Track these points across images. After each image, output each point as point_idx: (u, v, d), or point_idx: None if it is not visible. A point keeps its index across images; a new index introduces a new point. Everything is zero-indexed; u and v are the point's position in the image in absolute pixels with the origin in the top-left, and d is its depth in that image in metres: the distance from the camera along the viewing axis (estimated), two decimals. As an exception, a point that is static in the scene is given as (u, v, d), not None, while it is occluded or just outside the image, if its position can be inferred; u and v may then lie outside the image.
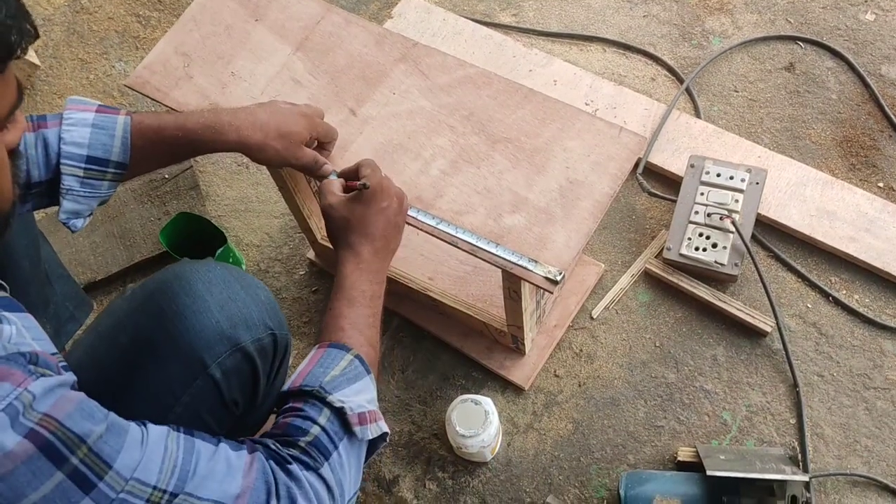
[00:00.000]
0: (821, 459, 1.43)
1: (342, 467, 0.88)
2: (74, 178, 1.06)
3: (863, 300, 1.55)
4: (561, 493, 1.44)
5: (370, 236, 1.07)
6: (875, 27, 1.84)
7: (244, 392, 1.04)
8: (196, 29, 1.37)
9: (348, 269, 1.04)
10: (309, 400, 0.90)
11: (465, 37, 1.89)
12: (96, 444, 0.73)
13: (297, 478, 0.84)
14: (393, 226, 1.09)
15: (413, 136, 1.24)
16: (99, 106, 1.09)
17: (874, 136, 1.71)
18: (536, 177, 1.19)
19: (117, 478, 0.73)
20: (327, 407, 0.90)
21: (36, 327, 0.82)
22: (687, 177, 1.61)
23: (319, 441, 0.87)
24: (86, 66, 2.01)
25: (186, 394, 0.99)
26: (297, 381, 0.92)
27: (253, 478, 0.82)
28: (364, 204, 1.07)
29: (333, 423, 0.89)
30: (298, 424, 0.88)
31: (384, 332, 1.60)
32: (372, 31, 1.34)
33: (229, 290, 1.01)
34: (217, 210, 1.79)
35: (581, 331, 1.57)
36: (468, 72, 1.29)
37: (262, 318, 1.03)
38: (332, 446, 0.88)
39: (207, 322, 0.98)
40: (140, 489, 0.75)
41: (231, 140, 1.10)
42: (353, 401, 0.91)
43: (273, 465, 0.84)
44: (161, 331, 0.98)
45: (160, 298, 1.00)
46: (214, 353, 0.98)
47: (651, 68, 1.86)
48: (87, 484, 0.71)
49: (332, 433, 0.88)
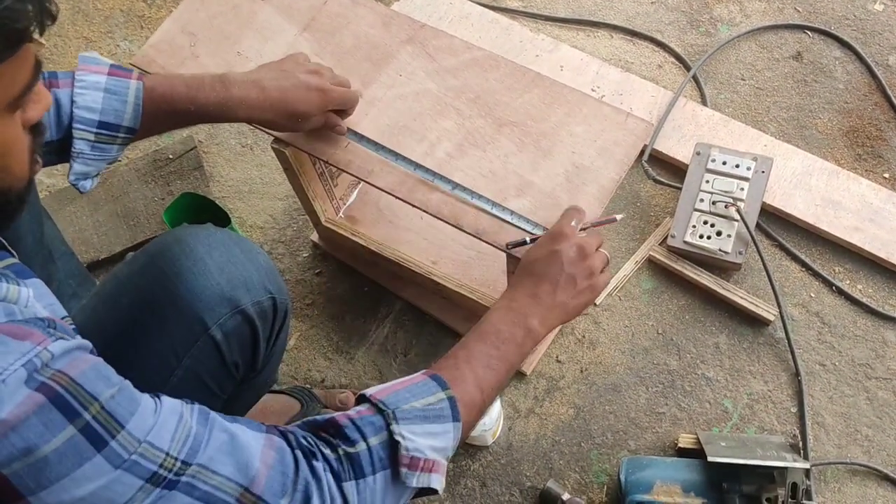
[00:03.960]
0: (821, 448, 1.43)
1: (373, 495, 0.82)
2: (85, 143, 1.06)
3: (866, 290, 1.55)
4: (561, 477, 1.44)
5: (532, 276, 1.00)
6: (883, 17, 1.83)
7: (244, 355, 1.04)
8: (202, 8, 1.36)
9: (497, 304, 0.99)
10: (376, 415, 0.84)
11: (471, 20, 1.88)
12: (109, 403, 0.72)
13: (318, 477, 0.80)
14: (566, 276, 0.99)
15: (419, 118, 1.24)
16: (111, 67, 1.08)
17: (881, 127, 1.71)
18: (542, 161, 1.19)
19: (130, 438, 0.72)
20: (387, 431, 0.83)
21: (47, 293, 0.81)
22: (692, 164, 1.60)
23: (359, 457, 0.81)
24: (91, 44, 2.01)
25: (188, 355, 0.99)
26: (380, 395, 0.86)
27: (271, 461, 0.79)
28: (539, 245, 1.03)
29: (382, 450, 0.82)
30: (349, 433, 0.82)
31: (387, 315, 1.60)
32: (379, 12, 1.33)
33: (229, 253, 1.02)
34: (221, 191, 1.78)
35: (584, 317, 1.57)
36: (475, 55, 1.28)
37: (262, 281, 1.03)
38: (371, 469, 0.82)
39: (208, 284, 0.98)
40: (153, 453, 0.73)
41: (241, 117, 1.11)
42: (417, 441, 0.83)
43: (299, 455, 0.80)
44: (162, 292, 0.99)
45: (161, 261, 1.00)
46: (215, 314, 0.99)
47: (658, 55, 1.85)
48: (100, 441, 0.71)
49: (377, 458, 0.82)
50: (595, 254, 1.02)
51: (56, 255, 1.36)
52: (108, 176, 1.80)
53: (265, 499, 0.77)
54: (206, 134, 1.86)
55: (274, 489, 0.78)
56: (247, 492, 0.76)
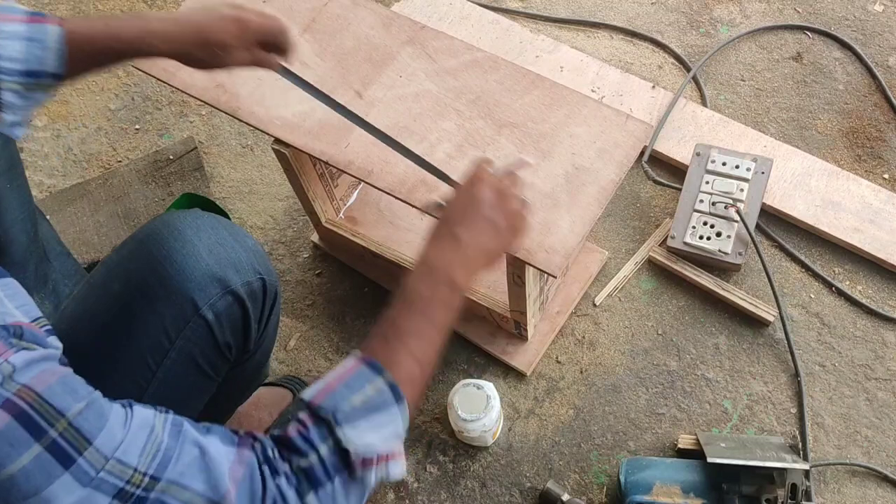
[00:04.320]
0: (821, 449, 1.43)
1: (335, 499, 0.82)
2: (12, 93, 1.04)
3: (866, 291, 1.55)
4: (561, 478, 1.44)
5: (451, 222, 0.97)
6: (883, 18, 1.83)
7: (236, 336, 1.05)
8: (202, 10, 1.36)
9: (415, 264, 0.96)
10: (318, 424, 0.83)
11: (471, 21, 1.88)
12: (76, 419, 0.71)
13: (284, 494, 0.80)
14: (484, 219, 0.96)
15: (419, 118, 1.24)
16: (28, 14, 1.06)
17: (880, 128, 1.71)
18: (542, 162, 1.19)
19: (98, 455, 0.72)
20: (332, 438, 0.82)
21: (20, 293, 0.80)
22: (692, 165, 1.60)
23: (312, 471, 0.81)
24: (91, 45, 2.01)
25: (180, 337, 0.99)
26: (318, 399, 0.84)
27: (238, 480, 0.78)
28: (456, 188, 1.01)
29: (333, 457, 0.82)
30: (299, 445, 0.82)
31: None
32: (379, 13, 1.33)
33: (217, 235, 1.02)
34: (221, 192, 1.79)
35: (584, 317, 1.57)
36: (475, 56, 1.28)
37: (251, 262, 1.03)
38: (327, 478, 0.81)
39: (197, 265, 0.99)
40: (121, 469, 0.73)
41: (161, 49, 1.08)
42: (365, 440, 0.83)
43: (266, 472, 0.80)
44: (152, 275, 0.99)
45: (149, 245, 1.01)
46: (206, 295, 0.99)
47: (658, 56, 1.85)
48: (67, 459, 0.70)
49: (330, 466, 0.82)
50: (513, 195, 1.01)
51: (51, 255, 1.36)
52: (108, 176, 1.80)
53: None
54: (206, 135, 1.86)
55: None
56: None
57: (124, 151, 1.86)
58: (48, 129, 1.90)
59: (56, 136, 1.90)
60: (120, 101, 1.93)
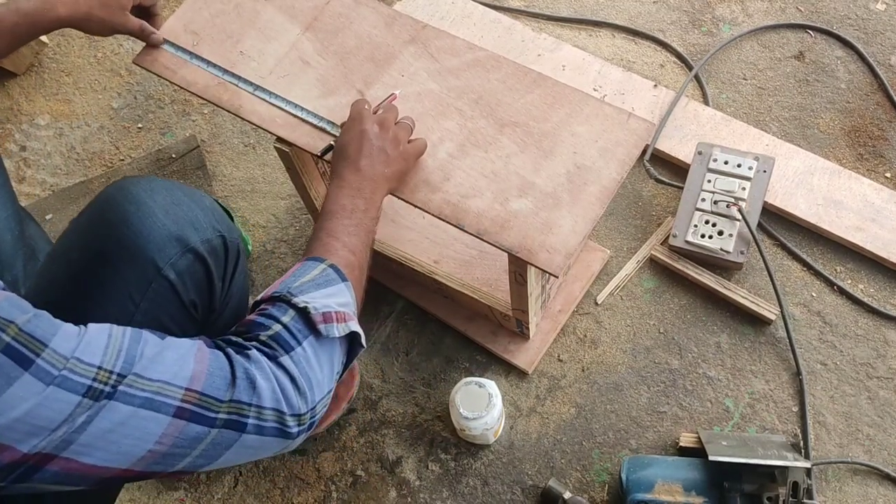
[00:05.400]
0: (822, 447, 1.43)
1: (308, 363, 0.88)
2: None
3: (867, 290, 1.55)
4: (563, 476, 1.45)
5: (349, 158, 1.10)
6: (885, 17, 1.83)
7: (201, 294, 1.05)
8: (205, 7, 1.36)
9: (331, 190, 1.08)
10: (276, 303, 0.91)
11: (473, 20, 1.88)
12: (26, 325, 0.73)
13: (256, 360, 0.85)
14: (377, 148, 1.11)
15: (421, 118, 1.24)
16: None
17: (882, 127, 1.71)
18: (544, 161, 1.19)
19: (55, 356, 0.74)
20: (291, 307, 0.90)
21: None
22: (694, 164, 1.61)
23: (280, 336, 0.88)
24: (94, 44, 2.01)
25: (145, 298, 0.99)
26: (268, 292, 0.93)
27: (207, 363, 0.83)
28: (344, 132, 1.13)
29: (297, 322, 0.89)
30: (261, 321, 0.89)
31: (389, 314, 1.61)
32: (382, 12, 1.33)
33: (172, 196, 1.03)
34: (223, 190, 1.79)
35: (585, 316, 1.58)
36: (477, 55, 1.28)
37: (209, 221, 1.04)
38: (295, 342, 0.88)
39: (154, 225, 0.99)
40: (83, 368, 0.75)
41: (63, 15, 1.17)
42: (320, 301, 0.91)
43: (230, 352, 0.85)
44: (109, 240, 0.99)
45: (104, 210, 1.01)
46: (166, 254, 0.99)
47: (660, 55, 1.85)
48: (25, 360, 0.72)
49: (296, 330, 0.89)
50: (396, 126, 1.15)
51: (41, 254, 1.37)
52: (111, 175, 1.80)
53: (209, 394, 0.81)
54: (208, 133, 1.87)
55: (216, 384, 0.82)
56: (188, 391, 0.80)
57: (127, 150, 1.87)
58: (51, 127, 1.91)
59: (59, 135, 1.90)
60: (122, 100, 1.93)
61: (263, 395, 0.84)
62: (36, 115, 1.93)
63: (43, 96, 1.95)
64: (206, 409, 0.81)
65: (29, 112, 1.93)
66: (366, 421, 1.53)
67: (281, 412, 0.85)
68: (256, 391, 0.83)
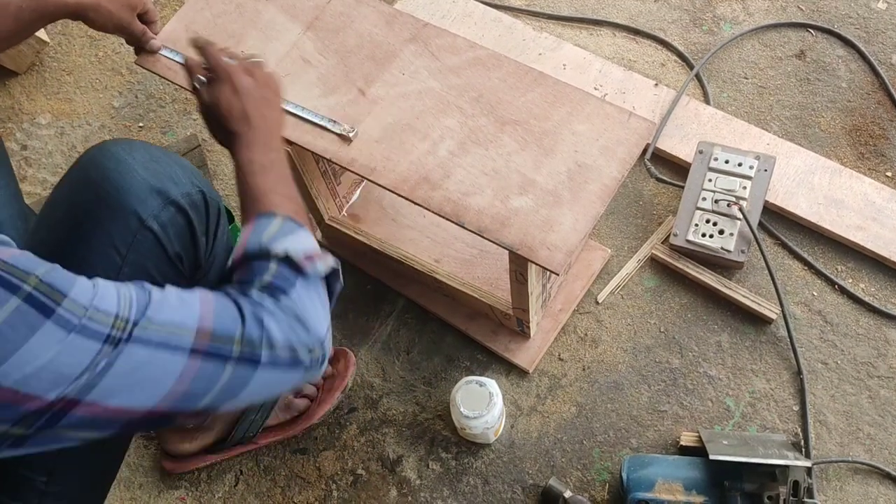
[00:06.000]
0: (823, 446, 1.43)
1: (304, 299, 0.91)
2: None
3: (869, 289, 1.55)
4: (563, 475, 1.45)
5: (240, 117, 1.08)
6: (887, 16, 1.83)
7: (185, 248, 1.07)
8: (207, 7, 1.37)
9: (238, 152, 1.06)
10: (253, 263, 0.93)
11: (474, 19, 1.88)
12: (46, 276, 0.76)
13: (259, 300, 0.88)
14: (259, 99, 1.10)
15: (422, 116, 1.24)
16: None
17: (883, 126, 1.71)
18: (545, 159, 1.19)
19: (75, 305, 0.77)
20: (272, 260, 0.92)
21: None
22: (695, 163, 1.60)
23: (274, 283, 0.91)
24: (95, 42, 2.01)
25: (131, 250, 1.01)
26: (238, 253, 0.95)
27: (212, 304, 0.86)
28: (219, 93, 1.10)
29: (284, 269, 0.92)
30: (249, 276, 0.92)
31: (390, 313, 1.61)
32: (382, 11, 1.33)
33: (150, 153, 1.05)
34: (224, 189, 1.79)
35: (586, 315, 1.58)
36: (478, 53, 1.28)
37: (189, 177, 1.06)
38: (289, 285, 0.91)
39: (134, 179, 1.01)
40: (102, 317, 0.78)
41: (70, 2, 1.16)
42: (295, 246, 0.94)
43: (233, 294, 0.89)
44: (92, 196, 1.01)
45: (85, 170, 1.04)
46: (148, 207, 1.01)
47: (661, 54, 1.85)
48: (46, 309, 0.75)
49: (285, 277, 0.92)
50: (254, 67, 1.13)
51: None
52: (112, 174, 1.80)
53: (220, 332, 0.85)
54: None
55: (225, 324, 0.85)
56: (199, 331, 0.83)
57: (128, 149, 1.87)
58: (52, 126, 1.91)
59: (60, 134, 1.90)
60: (123, 99, 1.93)
61: (272, 330, 0.87)
62: (37, 114, 1.93)
63: (44, 95, 1.95)
64: (220, 348, 0.84)
65: (30, 111, 1.93)
66: (366, 420, 1.53)
67: (292, 346, 0.88)
68: (265, 327, 0.87)
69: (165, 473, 1.51)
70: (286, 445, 1.52)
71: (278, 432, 1.49)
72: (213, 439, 1.47)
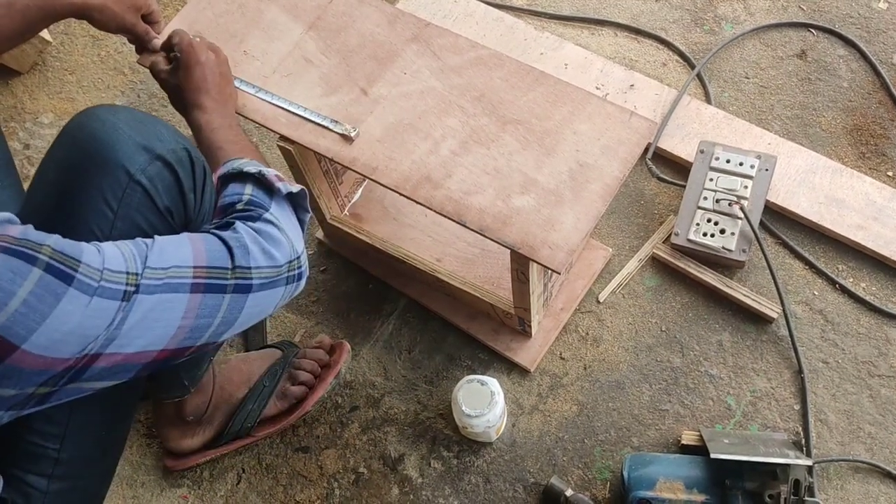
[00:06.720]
0: (824, 445, 1.43)
1: (279, 220, 1.01)
2: None
3: (869, 288, 1.55)
4: (565, 474, 1.45)
5: (202, 89, 1.20)
6: (888, 16, 1.83)
7: (174, 202, 1.09)
8: (209, 7, 1.37)
9: (199, 118, 1.19)
10: (232, 182, 1.05)
11: (476, 18, 1.88)
12: (57, 244, 0.82)
13: (240, 229, 0.97)
14: (219, 75, 1.23)
15: (423, 116, 1.24)
16: None
17: (884, 125, 1.71)
18: (546, 159, 1.20)
19: (90, 269, 0.83)
20: (247, 178, 1.04)
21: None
22: (696, 162, 1.61)
23: (252, 201, 1.02)
24: (97, 42, 2.02)
25: (122, 205, 1.04)
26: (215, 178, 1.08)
27: (202, 243, 0.94)
28: (184, 67, 1.21)
29: (258, 189, 1.04)
30: (229, 201, 1.03)
31: (391, 312, 1.61)
32: (384, 10, 1.34)
33: (133, 115, 1.09)
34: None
35: (587, 314, 1.58)
36: (480, 53, 1.29)
37: (173, 136, 1.09)
38: (266, 201, 1.03)
39: (120, 137, 1.04)
40: (115, 276, 0.85)
41: (77, 2, 1.19)
42: (267, 168, 1.05)
43: (216, 231, 0.97)
44: (80, 154, 1.04)
45: (72, 132, 1.07)
46: (135, 161, 1.04)
47: (662, 53, 1.86)
48: (66, 276, 0.80)
49: (260, 195, 1.03)
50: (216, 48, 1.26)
51: None
52: (114, 173, 1.80)
53: (214, 265, 0.94)
54: (211, 132, 1.87)
55: (216, 257, 0.94)
56: (195, 268, 0.92)
57: (130, 148, 1.87)
58: (54, 126, 1.91)
59: (62, 133, 1.90)
60: (125, 99, 1.93)
61: (257, 256, 0.96)
62: (39, 114, 1.93)
63: (46, 95, 1.95)
64: (217, 279, 0.93)
65: (32, 110, 1.94)
66: (368, 418, 1.53)
67: (277, 266, 0.98)
68: (251, 254, 0.96)
69: (168, 472, 1.52)
70: (288, 444, 1.52)
71: (275, 422, 1.49)
72: (213, 434, 1.47)
